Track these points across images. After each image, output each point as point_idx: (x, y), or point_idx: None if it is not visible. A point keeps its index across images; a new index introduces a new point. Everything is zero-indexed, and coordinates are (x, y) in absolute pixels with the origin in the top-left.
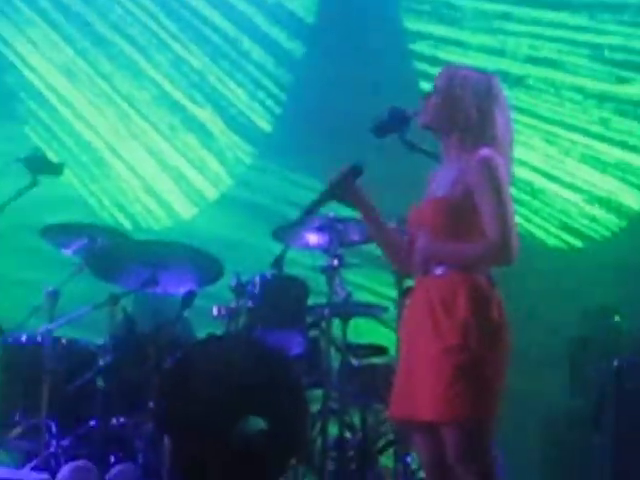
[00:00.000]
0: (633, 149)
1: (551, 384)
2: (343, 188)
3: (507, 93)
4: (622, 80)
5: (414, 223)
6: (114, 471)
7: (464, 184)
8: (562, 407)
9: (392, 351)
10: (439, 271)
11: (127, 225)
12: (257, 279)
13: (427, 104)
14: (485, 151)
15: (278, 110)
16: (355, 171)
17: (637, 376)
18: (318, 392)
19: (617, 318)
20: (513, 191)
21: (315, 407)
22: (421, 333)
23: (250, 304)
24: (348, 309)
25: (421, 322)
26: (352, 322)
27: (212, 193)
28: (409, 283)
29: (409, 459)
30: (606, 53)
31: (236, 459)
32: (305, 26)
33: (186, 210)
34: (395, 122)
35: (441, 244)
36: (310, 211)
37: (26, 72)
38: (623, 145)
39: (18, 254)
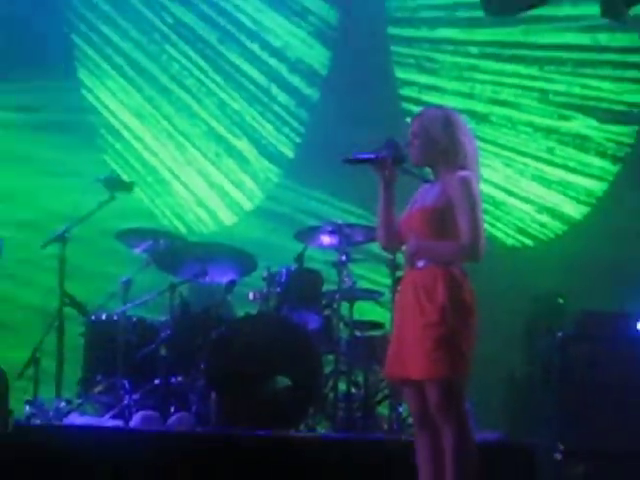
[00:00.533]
0: (572, 171)
1: (512, 353)
2: (386, 165)
3: (474, 127)
4: (563, 117)
5: (405, 226)
6: (173, 418)
7: (446, 197)
8: (520, 371)
9: (387, 326)
10: (422, 265)
11: (183, 230)
12: (283, 271)
13: (412, 149)
14: (464, 172)
15: (298, 140)
16: (401, 159)
17: (576, 345)
18: (330, 357)
19: (561, 300)
20: (482, 204)
21: (328, 369)
22: (409, 312)
23: (278, 290)
24: (353, 294)
25: (409, 304)
26: (356, 304)
27: (248, 205)
28: (400, 274)
29: (400, 409)
30: (551, 96)
31: (267, 409)
32: (319, 76)
33: (228, 218)
34: (389, 149)
35: (425, 244)
36: (351, 161)
37: (105, 113)
38: (564, 168)
39: (99, 252)
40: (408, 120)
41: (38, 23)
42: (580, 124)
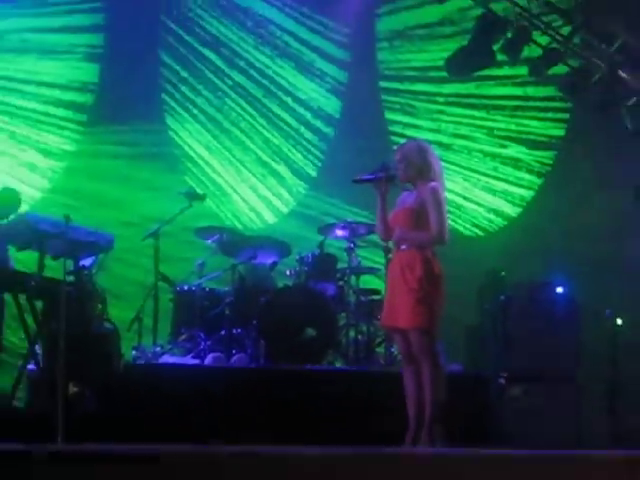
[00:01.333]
0: (510, 183)
1: (469, 311)
2: (382, 182)
3: (441, 153)
4: (503, 146)
5: (393, 222)
6: (235, 358)
7: (422, 201)
8: (475, 322)
9: (382, 292)
10: (405, 248)
11: (239, 227)
12: (310, 255)
13: (399, 171)
14: (434, 184)
15: (319, 164)
16: (391, 178)
17: (514, 305)
18: (343, 314)
19: (503, 274)
20: (447, 206)
21: (342, 322)
22: (397, 282)
23: (306, 269)
24: (359, 270)
25: (397, 276)
26: (361, 277)
27: (284, 209)
28: (390, 256)
29: (392, 349)
30: (495, 132)
31: (299, 350)
32: (334, 119)
33: (271, 218)
34: (383, 171)
35: (407, 234)
36: (357, 181)
37: (185, 147)
38: (504, 181)
39: (182, 243)
40: (394, 148)
41: (136, 81)
42: (515, 150)
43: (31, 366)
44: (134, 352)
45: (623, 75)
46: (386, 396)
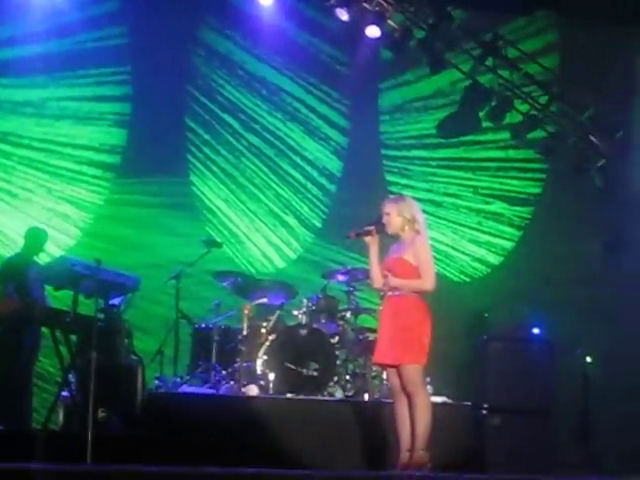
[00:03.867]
0: (493, 235)
1: (455, 348)
2: (372, 234)
3: (433, 210)
4: (488, 203)
5: (386, 269)
6: (246, 388)
7: (414, 251)
8: (460, 359)
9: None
10: (398, 293)
11: (253, 271)
12: (314, 297)
13: (387, 223)
14: (422, 236)
15: (324, 217)
16: (381, 230)
17: (495, 343)
18: (343, 350)
19: (486, 315)
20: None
21: (342, 357)
22: (389, 324)
23: (310, 309)
24: (357, 311)
25: (389, 319)
26: (360, 317)
27: (293, 256)
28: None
29: (385, 382)
30: (480, 190)
31: (304, 382)
32: (337, 178)
33: (280, 264)
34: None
35: (399, 282)
36: (349, 237)
37: (205, 200)
38: (488, 233)
39: (202, 284)
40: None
41: (162, 143)
42: (498, 206)
43: (65, 393)
44: (156, 382)
45: (594, 140)
46: (379, 424)
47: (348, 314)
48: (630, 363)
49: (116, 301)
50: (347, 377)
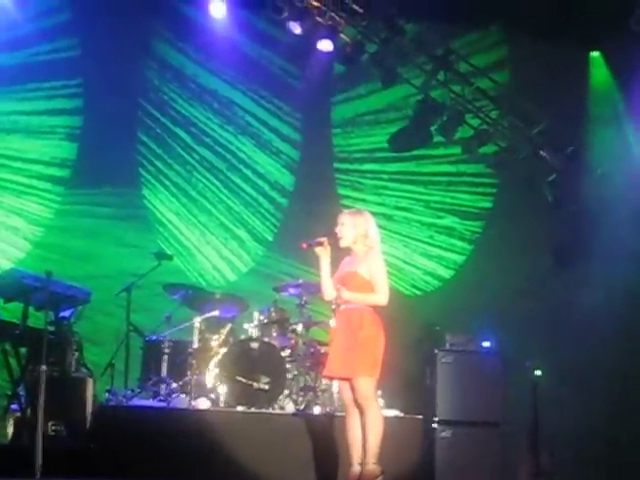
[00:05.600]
0: (444, 249)
1: (407, 360)
2: (324, 246)
3: (385, 223)
4: (439, 217)
5: (339, 282)
6: (197, 401)
7: (368, 265)
8: (412, 371)
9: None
10: (351, 306)
11: (204, 283)
12: (265, 310)
13: (340, 235)
14: (375, 251)
15: (275, 230)
16: (333, 240)
17: (447, 355)
18: (294, 364)
19: (437, 328)
20: (388, 267)
21: (292, 370)
22: (342, 337)
23: (264, 321)
24: (309, 324)
25: (342, 332)
26: (312, 330)
27: (244, 269)
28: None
29: (335, 395)
30: (431, 204)
31: (255, 395)
32: (288, 192)
33: (232, 277)
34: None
35: (353, 295)
36: (304, 247)
37: (156, 213)
38: (439, 247)
39: (153, 297)
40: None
41: (114, 157)
42: (449, 221)
43: (14, 406)
44: (107, 394)
45: (544, 154)
46: (330, 437)
47: (299, 327)
48: (579, 375)
49: (66, 313)
50: (298, 390)
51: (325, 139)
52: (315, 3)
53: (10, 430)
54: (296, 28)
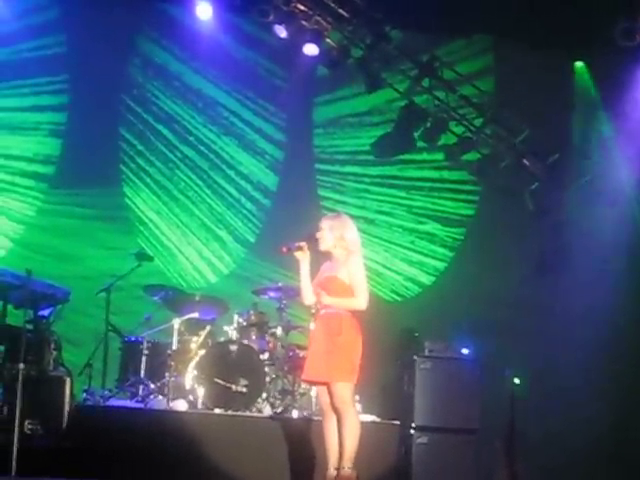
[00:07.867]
0: (425, 255)
1: (386, 367)
2: (304, 250)
3: (366, 227)
4: (421, 222)
5: (319, 286)
6: (175, 402)
7: (347, 269)
8: (390, 377)
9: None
10: (330, 311)
11: (184, 285)
12: (245, 313)
13: (319, 240)
14: (356, 256)
15: (258, 232)
16: (313, 244)
17: (425, 362)
18: (272, 367)
19: (416, 334)
20: (368, 272)
21: (273, 374)
22: (321, 341)
23: (243, 324)
24: (288, 327)
25: (320, 336)
26: (290, 334)
27: (225, 270)
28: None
29: (313, 400)
30: (413, 209)
31: (233, 398)
32: (271, 192)
33: (212, 278)
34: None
35: (332, 300)
36: (282, 252)
37: (138, 212)
38: (421, 253)
39: (132, 298)
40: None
41: (96, 154)
42: (431, 227)
43: None
44: (85, 394)
45: (526, 163)
46: (307, 441)
47: (278, 330)
48: (557, 383)
49: (45, 312)
50: (276, 394)
51: (308, 140)
52: (301, 7)
53: None
54: (282, 32)
